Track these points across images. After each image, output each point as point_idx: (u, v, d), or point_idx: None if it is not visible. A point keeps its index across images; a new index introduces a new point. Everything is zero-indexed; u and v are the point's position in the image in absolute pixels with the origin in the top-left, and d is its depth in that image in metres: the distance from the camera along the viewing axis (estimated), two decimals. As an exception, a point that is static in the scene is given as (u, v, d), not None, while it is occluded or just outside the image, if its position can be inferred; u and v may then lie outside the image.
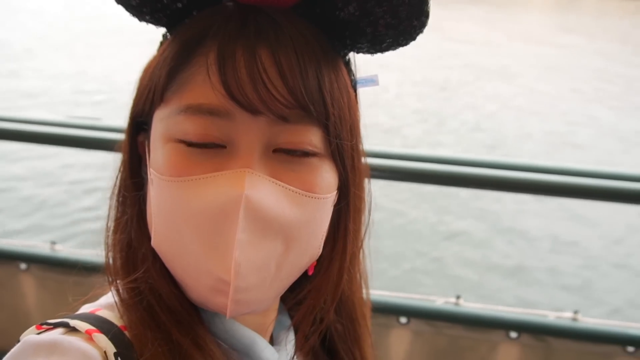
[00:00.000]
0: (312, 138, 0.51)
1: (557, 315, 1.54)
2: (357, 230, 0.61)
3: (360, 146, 0.58)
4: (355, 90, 0.58)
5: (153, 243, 0.53)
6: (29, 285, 1.75)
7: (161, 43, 0.56)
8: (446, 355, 1.56)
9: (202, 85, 0.49)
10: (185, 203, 0.49)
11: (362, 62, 0.60)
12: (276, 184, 0.50)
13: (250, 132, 0.49)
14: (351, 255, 0.60)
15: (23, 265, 1.72)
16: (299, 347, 0.61)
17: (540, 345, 1.52)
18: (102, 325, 0.51)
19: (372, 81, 0.58)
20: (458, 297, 1.54)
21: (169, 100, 0.51)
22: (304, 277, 0.59)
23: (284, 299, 0.65)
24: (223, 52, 0.49)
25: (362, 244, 0.64)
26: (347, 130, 0.54)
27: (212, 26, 0.50)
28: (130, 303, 0.53)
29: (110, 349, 0.49)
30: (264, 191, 0.49)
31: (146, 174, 0.56)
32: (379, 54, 0.56)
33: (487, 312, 1.55)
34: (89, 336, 0.49)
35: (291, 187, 0.50)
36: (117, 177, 0.59)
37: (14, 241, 1.84)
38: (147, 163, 0.55)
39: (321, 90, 0.50)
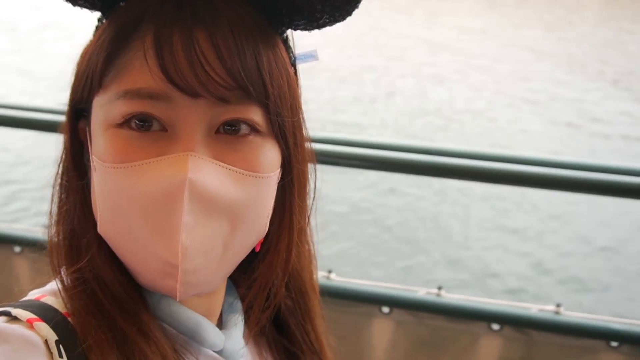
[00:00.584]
0: (253, 117, 0.52)
1: (540, 308, 1.54)
2: (303, 205, 0.62)
3: (302, 122, 0.60)
4: (294, 68, 0.59)
5: (99, 230, 0.54)
6: (22, 268, 1.79)
7: (97, 27, 0.56)
8: (428, 345, 1.57)
9: (140, 70, 0.49)
10: (129, 189, 0.50)
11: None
12: (219, 165, 0.50)
13: (191, 115, 0.50)
14: (299, 230, 0.62)
15: (17, 249, 1.76)
16: (252, 328, 0.63)
17: (522, 338, 1.51)
18: (45, 313, 0.51)
19: (312, 57, 0.59)
20: (440, 288, 1.55)
21: (107, 86, 0.51)
22: (253, 256, 0.61)
23: (235, 280, 0.67)
24: (159, 36, 0.49)
25: (308, 219, 0.66)
26: (288, 107, 0.54)
27: (148, 9, 0.51)
28: (74, 291, 0.53)
29: (52, 337, 0.49)
30: (208, 173, 0.49)
31: (89, 160, 0.56)
32: (315, 31, 0.57)
33: (469, 304, 1.55)
34: (29, 325, 0.49)
35: (234, 168, 0.51)
36: (59, 165, 0.59)
37: (8, 225, 1.88)
38: (89, 150, 0.55)
39: (260, 70, 0.51)
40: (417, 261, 4.71)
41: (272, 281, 0.60)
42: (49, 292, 0.56)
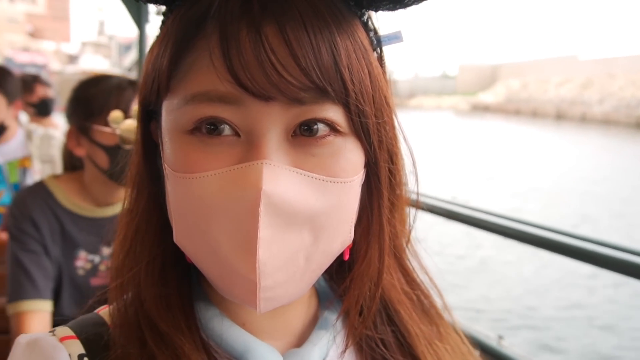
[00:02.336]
0: (332, 116, 0.47)
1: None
2: (395, 207, 0.56)
3: (389, 114, 0.53)
4: (380, 51, 0.55)
5: (175, 239, 0.51)
6: None
7: (163, 22, 0.52)
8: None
9: (207, 72, 0.46)
10: (202, 201, 0.46)
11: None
12: (297, 172, 0.46)
13: (264, 118, 0.46)
14: (392, 236, 0.56)
15: None
16: (348, 343, 0.56)
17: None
18: (86, 328, 0.54)
19: (396, 38, 0.55)
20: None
21: (174, 90, 0.48)
22: (344, 264, 0.57)
23: (325, 292, 0.61)
24: (225, 34, 0.45)
25: (408, 226, 0.59)
26: (370, 102, 0.50)
27: (213, 3, 0.47)
28: (117, 305, 0.54)
29: (77, 351, 0.51)
30: (284, 183, 0.45)
31: (162, 165, 0.53)
32: (400, 10, 0.52)
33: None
34: (60, 340, 0.52)
35: (313, 175, 0.47)
36: (131, 168, 0.56)
37: None
38: (162, 155, 0.52)
39: (337, 65, 0.47)
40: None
41: (365, 293, 0.54)
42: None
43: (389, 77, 0.54)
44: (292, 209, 0.45)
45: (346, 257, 0.55)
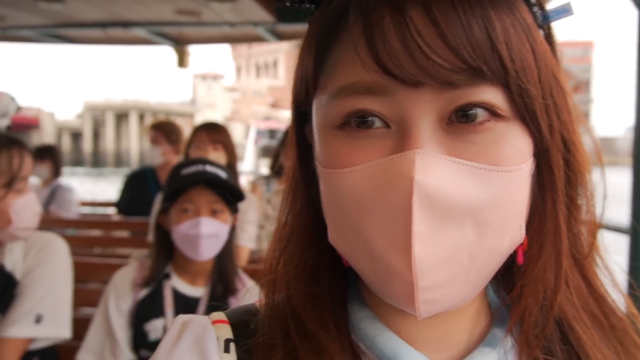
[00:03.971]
0: (491, 99, 0.43)
1: None
2: (574, 204, 0.49)
3: (561, 96, 0.47)
4: (548, 29, 0.48)
5: (330, 239, 0.50)
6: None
7: (310, 22, 0.51)
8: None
9: (353, 64, 0.44)
10: (353, 196, 0.45)
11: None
12: (454, 162, 0.43)
13: (415, 107, 0.43)
14: (571, 238, 0.50)
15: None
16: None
17: None
18: (237, 315, 0.55)
19: (565, 11, 0.48)
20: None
21: (322, 86, 0.47)
22: (512, 269, 0.51)
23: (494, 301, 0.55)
24: (368, 22, 0.43)
25: (595, 224, 0.51)
26: (535, 82, 0.44)
27: None
28: (268, 299, 0.54)
29: (224, 335, 0.52)
30: (440, 173, 0.42)
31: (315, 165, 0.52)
32: None
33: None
34: (212, 323, 0.54)
35: (473, 163, 0.43)
36: (287, 172, 0.56)
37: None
38: (314, 155, 0.51)
39: (492, 41, 0.42)
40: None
41: (539, 302, 0.48)
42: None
43: (560, 57, 0.49)
44: (450, 201, 0.42)
45: (520, 260, 0.49)
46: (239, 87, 73.60)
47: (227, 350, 0.51)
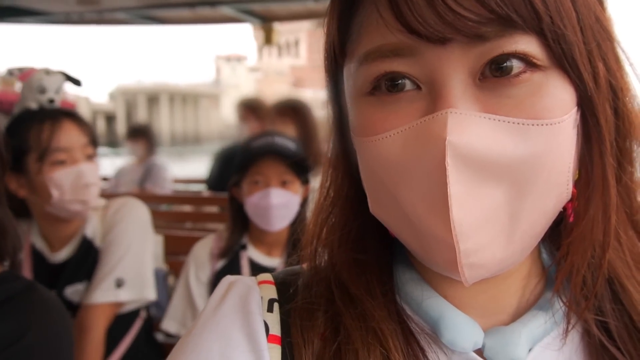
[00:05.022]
0: (525, 49, 0.40)
1: None
2: (625, 156, 0.46)
3: (607, 39, 0.44)
4: None
5: (371, 210, 0.49)
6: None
7: None
8: None
9: (377, 27, 0.43)
10: (388, 163, 0.43)
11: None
12: (490, 119, 0.40)
13: (444, 65, 0.41)
14: (622, 191, 0.47)
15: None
16: (567, 323, 0.47)
17: None
18: (284, 276, 0.55)
19: None
20: None
21: (350, 53, 0.46)
22: (558, 229, 0.49)
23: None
24: None
25: None
26: (573, 25, 0.41)
27: None
28: (311, 265, 0.54)
29: (269, 295, 0.52)
30: (474, 131, 0.40)
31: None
32: None
33: None
34: (258, 283, 0.55)
35: (510, 119, 0.40)
36: (328, 146, 0.55)
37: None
38: (350, 126, 0.50)
39: None
40: None
41: (586, 260, 0.45)
42: None
43: None
44: (487, 160, 0.40)
45: (571, 217, 0.47)
46: (261, 67, 73.53)
47: (270, 309, 0.51)
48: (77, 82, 1.55)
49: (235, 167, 1.65)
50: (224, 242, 1.66)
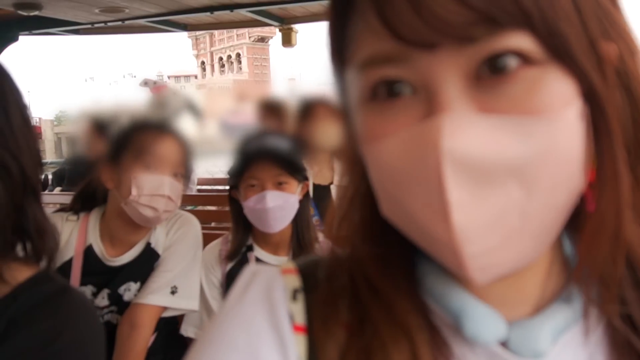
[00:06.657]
0: (519, 45, 0.39)
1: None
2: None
3: (612, 22, 0.43)
4: None
5: (382, 212, 0.48)
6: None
7: None
8: None
9: (368, 34, 0.42)
10: (389, 167, 0.43)
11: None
12: (487, 119, 0.39)
13: (436, 69, 0.40)
14: (636, 181, 0.45)
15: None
16: (587, 316, 0.47)
17: None
18: (308, 265, 0.55)
19: None
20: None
21: (348, 60, 0.46)
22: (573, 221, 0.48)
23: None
24: None
25: None
26: (569, 16, 0.40)
27: None
28: (333, 257, 0.55)
29: (292, 284, 0.52)
30: (472, 133, 0.39)
31: None
32: None
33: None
34: (282, 272, 0.54)
35: (507, 116, 0.39)
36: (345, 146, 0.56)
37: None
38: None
39: None
40: None
41: (603, 254, 0.44)
42: None
43: None
44: (487, 162, 0.39)
45: (591, 207, 0.45)
46: (206, 84, 74.06)
47: (294, 299, 0.51)
48: (197, 113, 1.64)
49: (231, 170, 1.67)
50: (231, 245, 1.69)
